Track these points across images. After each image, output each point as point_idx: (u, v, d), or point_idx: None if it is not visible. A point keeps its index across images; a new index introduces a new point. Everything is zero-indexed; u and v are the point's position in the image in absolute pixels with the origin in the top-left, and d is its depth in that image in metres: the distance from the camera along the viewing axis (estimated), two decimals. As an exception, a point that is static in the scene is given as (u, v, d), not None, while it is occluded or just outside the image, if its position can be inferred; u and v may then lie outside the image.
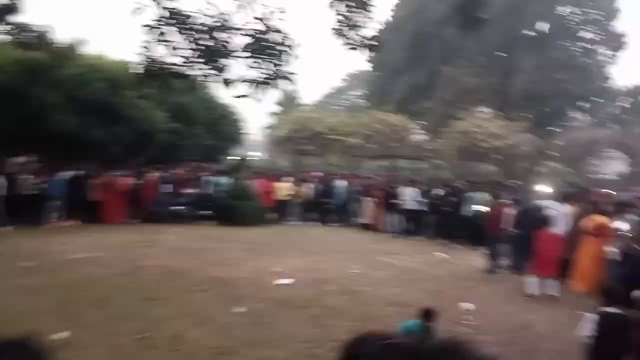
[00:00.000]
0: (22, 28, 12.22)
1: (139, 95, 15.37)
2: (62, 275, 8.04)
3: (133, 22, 5.14)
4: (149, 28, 5.09)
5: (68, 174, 14.46)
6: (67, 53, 14.29)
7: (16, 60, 14.02)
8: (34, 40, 12.51)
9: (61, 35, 14.01)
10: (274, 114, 42.55)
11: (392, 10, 39.53)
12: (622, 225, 7.94)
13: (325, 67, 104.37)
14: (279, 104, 43.86)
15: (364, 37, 6.90)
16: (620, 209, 9.25)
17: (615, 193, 13.03)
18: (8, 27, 12.04)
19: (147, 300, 6.82)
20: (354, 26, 6.87)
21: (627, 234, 7.26)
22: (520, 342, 5.89)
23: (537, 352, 5.59)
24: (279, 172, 19.49)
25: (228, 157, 25.06)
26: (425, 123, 33.32)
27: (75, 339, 5.28)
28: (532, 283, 8.36)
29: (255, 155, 48.04)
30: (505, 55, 34.64)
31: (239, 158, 26.15)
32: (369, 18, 7.17)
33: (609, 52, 34.14)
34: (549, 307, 7.61)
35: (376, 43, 6.95)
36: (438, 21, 28.63)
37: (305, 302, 7.13)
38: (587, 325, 4.05)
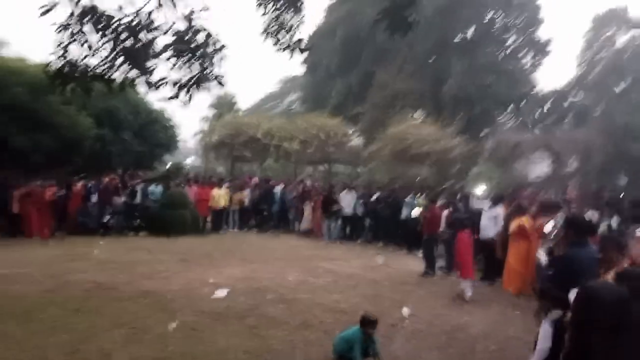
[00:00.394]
0: None
1: (63, 101, 14.50)
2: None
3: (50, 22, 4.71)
4: (62, 27, 4.70)
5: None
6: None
7: None
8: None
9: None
10: (208, 119, 41.70)
11: (324, 14, 39.85)
12: (548, 226, 8.22)
13: (261, 71, 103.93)
14: (214, 108, 43.06)
15: (294, 39, 6.79)
16: (545, 209, 9.60)
17: (541, 194, 13.61)
18: None
19: (75, 311, 6.36)
20: (284, 27, 6.76)
21: (553, 235, 7.50)
22: (457, 344, 5.94)
23: (473, 354, 5.65)
24: (214, 179, 19.00)
25: (160, 164, 24.23)
26: (360, 127, 33.68)
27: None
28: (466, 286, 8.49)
29: (190, 161, 46.97)
30: (435, 59, 35.72)
31: (172, 165, 25.39)
32: (300, 20, 7.08)
33: (534, 58, 36.02)
34: (482, 308, 7.77)
35: (307, 45, 6.85)
36: (369, 25, 29.03)
37: (242, 312, 6.89)
38: (546, 335, 4.07)
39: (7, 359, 4.85)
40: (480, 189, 13.47)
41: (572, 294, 3.81)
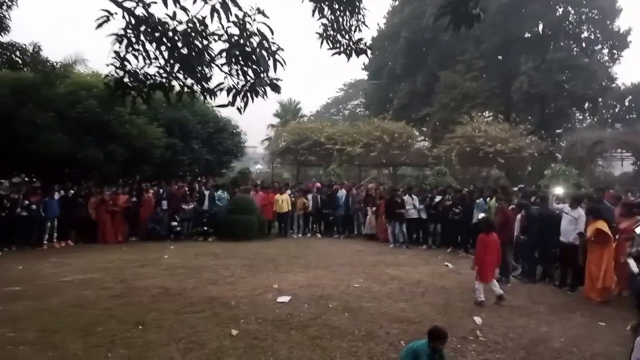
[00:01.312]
0: (9, 47, 11.99)
1: (132, 112, 15.08)
2: (49, 301, 7.66)
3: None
4: (117, 37, 4.71)
5: (62, 193, 14.14)
6: (57, 72, 14.01)
7: (3, 82, 13.77)
8: (22, 59, 12.29)
9: (53, 52, 13.83)
10: (273, 125, 42.29)
11: (385, 17, 39.40)
12: (638, 228, 7.50)
13: (325, 76, 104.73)
14: (279, 115, 43.66)
15: (352, 42, 6.55)
16: (633, 210, 8.81)
17: (627, 193, 12.60)
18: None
19: (135, 325, 6.41)
20: (340, 30, 6.53)
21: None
22: (537, 358, 5.44)
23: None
24: (280, 184, 19.10)
25: (228, 170, 24.74)
26: (426, 129, 33.00)
27: (54, 373, 4.90)
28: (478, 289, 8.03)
29: (258, 167, 47.91)
30: (504, 57, 34.39)
31: (239, 171, 25.86)
32: (359, 21, 6.82)
33: (612, 50, 33.81)
34: (563, 318, 7.17)
35: (365, 48, 6.59)
36: (434, 26, 28.36)
37: (304, 321, 6.72)
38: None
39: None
40: (558, 190, 12.65)
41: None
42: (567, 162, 22.80)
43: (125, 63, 5.12)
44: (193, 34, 4.89)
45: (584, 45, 33.69)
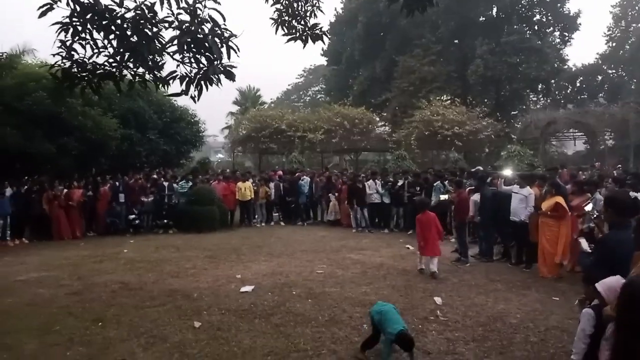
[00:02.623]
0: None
1: (85, 103, 14.60)
2: (3, 301, 7.40)
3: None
4: (63, 26, 4.52)
5: (14, 190, 13.59)
6: (3, 62, 13.40)
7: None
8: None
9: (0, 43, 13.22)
10: (233, 113, 41.81)
11: (342, 2, 39.34)
12: (588, 206, 7.79)
13: (284, 63, 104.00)
14: (238, 103, 43.16)
15: (308, 27, 6.50)
16: (582, 188, 9.14)
17: (579, 172, 13.05)
18: None
19: (94, 322, 6.26)
20: (295, 15, 6.47)
21: (593, 214, 7.08)
22: (494, 335, 5.61)
23: (512, 345, 5.32)
24: (241, 173, 18.95)
25: (187, 161, 24.37)
26: (386, 114, 33.29)
27: (8, 375, 4.75)
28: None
29: (217, 156, 47.33)
30: (460, 41, 34.93)
31: (198, 161, 25.50)
32: (315, 7, 6.78)
33: (563, 33, 34.79)
34: (519, 295, 7.40)
35: (321, 33, 6.55)
36: (391, 10, 28.48)
37: (268, 309, 6.71)
38: (587, 323, 3.66)
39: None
40: (506, 172, 12.98)
41: (613, 282, 3.49)
42: (522, 143, 23.46)
43: (73, 53, 4.94)
44: (142, 22, 4.74)
45: (536, 28, 34.57)
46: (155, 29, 4.84)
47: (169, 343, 5.50)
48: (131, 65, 5.16)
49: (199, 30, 4.78)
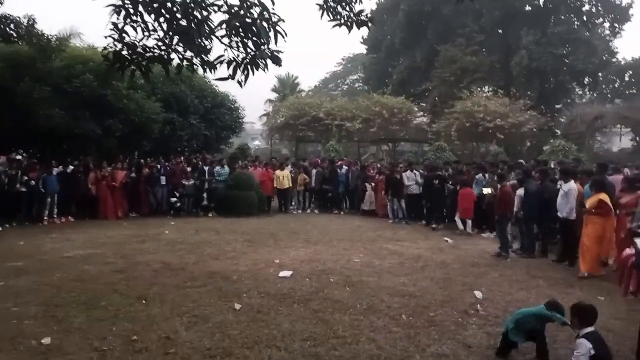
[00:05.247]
0: (2, 20, 11.78)
1: (130, 87, 14.92)
2: (52, 276, 7.69)
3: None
4: (115, 8, 4.60)
5: (61, 169, 14.07)
6: (52, 45, 13.80)
7: (-1, 55, 13.58)
8: (16, 32, 12.08)
9: (47, 26, 13.64)
10: (271, 100, 42.00)
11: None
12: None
13: (323, 50, 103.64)
14: (277, 90, 43.32)
15: (353, 13, 6.42)
16: (633, 185, 8.81)
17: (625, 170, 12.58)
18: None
19: (138, 299, 6.45)
20: (341, 1, 6.39)
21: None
22: (536, 332, 5.49)
23: (556, 344, 5.19)
24: (279, 160, 19.07)
25: (226, 147, 24.64)
26: (425, 105, 32.82)
27: (59, 345, 4.95)
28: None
29: (254, 143, 47.75)
30: (504, 31, 34.02)
31: (238, 147, 25.76)
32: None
33: (613, 24, 33.43)
34: (562, 292, 7.20)
35: (367, 19, 6.45)
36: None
37: (306, 295, 6.76)
38: (584, 352, 3.97)
39: (69, 346, 4.93)
40: (554, 165, 12.65)
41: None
42: (566, 137, 22.77)
43: (124, 35, 5.03)
44: (192, 5, 4.79)
45: (585, 18, 33.31)
46: (204, 13, 4.88)
47: (211, 323, 5.61)
48: (180, 48, 5.23)
49: (248, 14, 4.80)
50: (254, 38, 4.95)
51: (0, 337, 5.12)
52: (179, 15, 4.78)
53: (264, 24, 4.81)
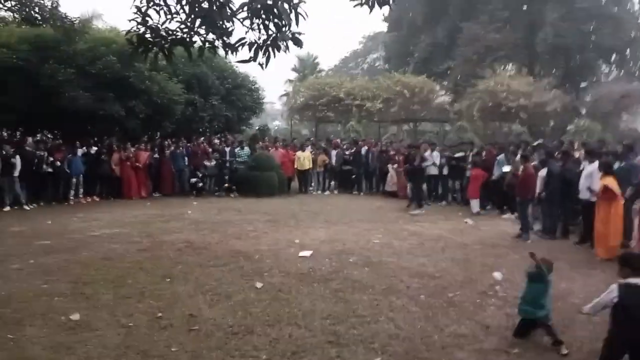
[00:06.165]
0: (27, 4, 11.95)
1: (152, 68, 15.05)
2: (80, 254, 7.93)
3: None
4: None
5: (85, 150, 14.36)
6: (76, 28, 13.97)
7: (24, 38, 13.79)
8: (41, 15, 12.25)
9: (70, 8, 13.80)
10: (291, 80, 41.87)
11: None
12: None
13: (343, 29, 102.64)
14: (297, 70, 43.15)
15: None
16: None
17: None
18: (13, 3, 11.81)
19: (163, 277, 6.63)
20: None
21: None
22: (556, 314, 5.46)
23: (574, 325, 5.21)
24: (300, 141, 19.13)
25: (247, 127, 24.74)
26: (447, 84, 32.30)
27: (87, 321, 5.13)
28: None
29: (274, 124, 47.79)
30: (529, 7, 33.12)
31: (258, 127, 25.86)
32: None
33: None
34: (584, 274, 7.18)
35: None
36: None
37: (326, 275, 6.87)
38: (607, 296, 3.91)
39: (97, 322, 5.11)
40: (578, 146, 12.46)
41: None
42: (591, 117, 22.31)
43: (147, 19, 5.09)
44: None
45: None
46: (226, -5, 4.90)
47: (233, 301, 5.75)
48: (202, 31, 5.28)
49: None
50: (275, 20, 4.96)
51: (31, 313, 5.33)
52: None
53: (285, 5, 4.82)
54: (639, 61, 36.54)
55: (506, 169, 11.64)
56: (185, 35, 5.19)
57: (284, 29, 5.02)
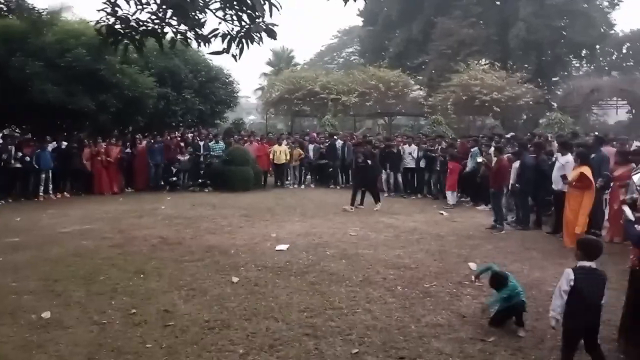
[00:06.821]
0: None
1: (123, 61, 14.74)
2: (50, 251, 7.74)
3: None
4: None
5: (55, 145, 14.02)
6: (44, 19, 13.59)
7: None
8: (6, 6, 11.88)
9: (38, 0, 13.44)
10: (266, 74, 41.62)
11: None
12: (636, 176, 7.53)
13: (318, 23, 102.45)
14: (272, 64, 42.90)
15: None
16: (629, 158, 8.86)
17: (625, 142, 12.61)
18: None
19: (136, 273, 6.50)
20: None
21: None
22: (531, 302, 5.56)
23: (549, 313, 5.29)
24: (275, 135, 19.02)
25: (221, 121, 24.47)
26: (422, 78, 32.56)
27: (59, 319, 5.00)
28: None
29: (249, 118, 47.46)
30: (502, 3, 33.62)
31: (233, 122, 25.62)
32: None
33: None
34: (555, 264, 7.29)
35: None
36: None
37: (303, 268, 6.83)
38: (564, 280, 3.88)
39: (69, 320, 4.98)
40: (550, 138, 12.68)
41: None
42: (562, 110, 22.74)
43: (116, 9, 4.96)
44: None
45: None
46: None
47: (209, 296, 5.67)
48: (173, 22, 5.16)
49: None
50: (249, 11, 4.88)
51: (0, 312, 5.17)
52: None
53: (259, -4, 4.74)
54: (608, 56, 37.44)
55: (479, 159, 11.79)
56: (156, 26, 5.07)
57: (257, 20, 4.94)
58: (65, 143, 14.33)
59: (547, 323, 4.95)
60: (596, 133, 10.52)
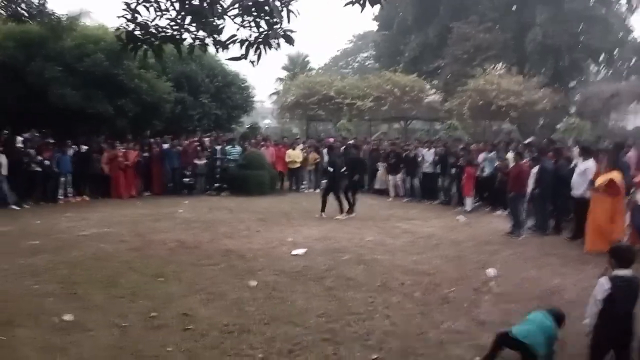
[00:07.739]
0: (13, 0, 11.79)
1: (141, 66, 14.90)
2: (69, 254, 7.82)
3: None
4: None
5: (75, 149, 14.18)
6: (63, 25, 13.80)
7: (9, 35, 13.61)
8: (27, 12, 12.09)
9: (58, 5, 13.68)
10: (281, 79, 41.74)
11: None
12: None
13: (333, 28, 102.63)
14: (287, 68, 43.04)
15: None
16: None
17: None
18: (-1, 0, 11.61)
19: (155, 277, 6.56)
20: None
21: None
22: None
23: (569, 320, 5.21)
24: (291, 139, 19.07)
25: (237, 126, 24.60)
26: (437, 82, 32.40)
27: (79, 321, 5.04)
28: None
29: (265, 122, 47.63)
30: (519, 8, 33.34)
31: (249, 126, 25.73)
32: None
33: (629, 1, 32.62)
34: (575, 270, 7.21)
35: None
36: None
37: (320, 273, 6.84)
38: (600, 290, 3.80)
39: (89, 323, 5.02)
40: (569, 144, 12.55)
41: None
42: (580, 115, 22.46)
43: (136, 15, 5.02)
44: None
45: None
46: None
47: (227, 300, 5.70)
48: (192, 28, 5.22)
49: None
50: (267, 17, 4.92)
51: (22, 314, 5.22)
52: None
53: (277, 3, 4.78)
54: (626, 62, 36.92)
55: (497, 165, 11.71)
56: (175, 33, 5.13)
57: (275, 26, 4.98)
58: (85, 147, 14.49)
59: (568, 331, 4.90)
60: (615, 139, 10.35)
